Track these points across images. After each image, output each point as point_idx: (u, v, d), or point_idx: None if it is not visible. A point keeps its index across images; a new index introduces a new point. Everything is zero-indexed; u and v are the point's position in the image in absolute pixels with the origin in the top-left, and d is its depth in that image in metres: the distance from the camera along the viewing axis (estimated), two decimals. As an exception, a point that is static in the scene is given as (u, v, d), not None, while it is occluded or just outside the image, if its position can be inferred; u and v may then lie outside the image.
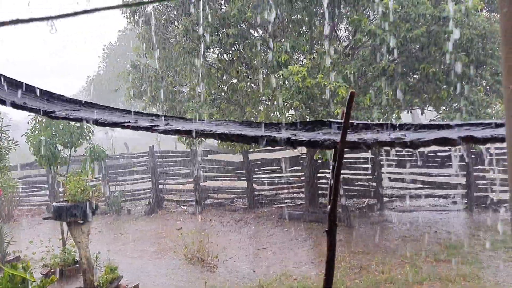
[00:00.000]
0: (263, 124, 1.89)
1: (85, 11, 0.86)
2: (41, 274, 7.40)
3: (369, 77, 7.23)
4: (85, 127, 8.12)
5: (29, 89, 1.93)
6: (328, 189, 1.54)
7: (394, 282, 6.43)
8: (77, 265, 7.66)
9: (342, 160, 1.51)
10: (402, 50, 7.07)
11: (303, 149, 11.89)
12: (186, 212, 12.99)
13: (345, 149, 1.56)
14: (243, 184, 12.96)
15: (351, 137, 1.60)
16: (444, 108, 7.84)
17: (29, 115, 7.53)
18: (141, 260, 8.70)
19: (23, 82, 1.97)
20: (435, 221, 9.60)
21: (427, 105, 8.06)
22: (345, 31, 11.48)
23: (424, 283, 6.32)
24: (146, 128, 1.80)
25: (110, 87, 22.98)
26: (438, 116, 7.98)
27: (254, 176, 12.77)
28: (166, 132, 1.76)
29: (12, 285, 5.71)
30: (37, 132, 7.49)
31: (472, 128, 1.48)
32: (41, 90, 1.94)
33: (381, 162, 11.11)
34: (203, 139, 10.55)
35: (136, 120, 1.86)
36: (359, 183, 11.37)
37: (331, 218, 1.57)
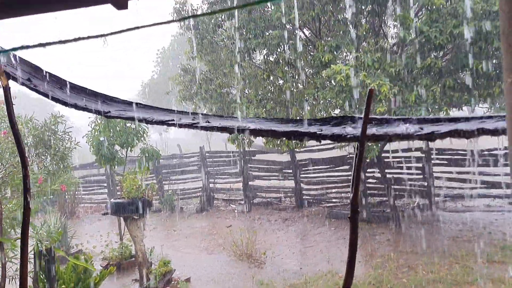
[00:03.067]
0: (293, 121, 2.05)
1: (134, 28, 1.06)
2: (101, 266, 7.94)
3: (415, 74, 7.12)
4: (140, 128, 8.61)
5: (89, 93, 2.21)
6: (351, 179, 1.67)
7: (443, 282, 6.30)
8: (133, 259, 8.14)
9: (364, 151, 1.65)
10: (451, 47, 6.90)
11: (350, 149, 11.83)
12: (235, 211, 13.31)
13: (365, 142, 1.70)
14: (291, 183, 13.08)
15: (372, 130, 1.72)
16: (496, 104, 7.55)
17: (89, 118, 8.12)
18: (193, 255, 9.08)
19: (84, 87, 2.26)
20: (489, 222, 9.22)
21: (478, 102, 7.80)
22: (393, 28, 11.30)
23: (475, 284, 6.15)
24: (188, 125, 2.02)
25: (163, 90, 23.89)
26: (490, 114, 7.69)
27: (301, 175, 12.85)
28: (204, 128, 1.96)
29: (75, 274, 6.22)
30: (96, 133, 8.06)
31: (487, 120, 1.55)
32: (98, 93, 2.22)
33: (433, 161, 10.81)
34: (252, 139, 10.82)
35: (180, 118, 2.08)
36: (409, 182, 11.12)
37: (353, 206, 1.72)
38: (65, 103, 2.10)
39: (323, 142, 12.88)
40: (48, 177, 5.47)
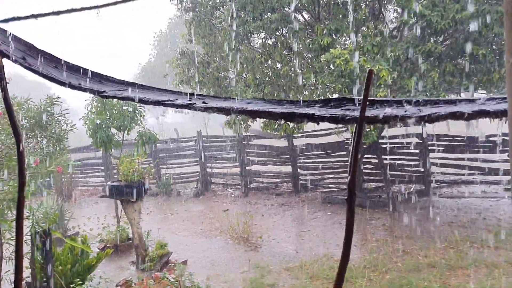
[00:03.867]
0: (292, 102, 2.03)
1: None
2: (98, 248, 7.98)
3: (414, 59, 7.07)
4: (137, 112, 8.56)
5: (84, 72, 2.17)
6: (349, 160, 1.66)
7: (437, 266, 6.37)
8: (130, 241, 8.18)
9: (362, 133, 1.63)
10: (451, 32, 6.83)
11: (347, 134, 11.83)
12: (232, 195, 13.35)
13: (364, 124, 1.68)
14: (288, 168, 13.11)
15: (370, 112, 1.70)
16: (495, 91, 7.53)
17: (86, 100, 8.07)
18: (189, 239, 9.13)
19: (79, 66, 2.22)
20: (484, 208, 9.29)
21: (477, 88, 7.77)
22: (394, 12, 11.19)
23: (469, 269, 6.22)
24: (185, 106, 1.99)
25: (160, 74, 23.72)
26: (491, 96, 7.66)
27: (298, 160, 12.87)
28: (201, 109, 1.93)
29: (72, 256, 6.24)
30: (93, 116, 8.01)
31: (488, 102, 1.53)
32: (93, 72, 2.18)
33: (430, 147, 10.83)
34: (249, 124, 10.78)
35: (176, 99, 2.05)
36: (405, 168, 11.17)
37: (350, 188, 1.70)
38: (60, 82, 2.06)
39: (320, 127, 12.90)
40: (44, 158, 5.44)
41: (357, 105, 1.84)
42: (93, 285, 6.16)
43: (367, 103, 1.59)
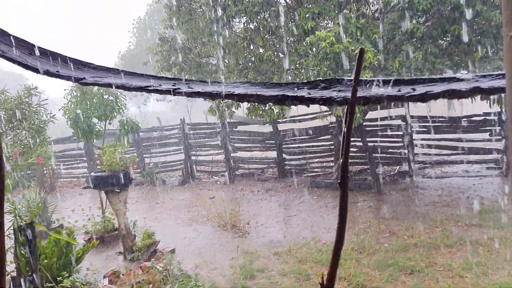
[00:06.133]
0: (280, 85, 1.97)
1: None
2: (84, 240, 7.85)
3: (398, 41, 7.06)
4: (117, 101, 8.39)
5: (61, 58, 2.07)
6: (341, 143, 1.61)
7: (423, 246, 6.46)
8: (117, 232, 8.08)
9: (354, 115, 1.58)
10: (432, 12, 6.83)
11: (332, 118, 11.84)
12: (218, 182, 13.31)
13: (356, 104, 1.63)
14: (273, 154, 13.10)
15: (362, 93, 1.65)
16: (477, 70, 7.59)
17: (65, 90, 7.86)
18: (176, 227, 9.08)
19: (55, 52, 2.11)
20: (468, 187, 9.46)
21: (460, 68, 7.83)
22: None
23: (454, 247, 6.33)
24: (169, 91, 1.91)
25: (141, 62, 23.35)
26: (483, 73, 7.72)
27: (283, 146, 12.87)
28: (187, 94, 1.86)
29: (58, 248, 6.13)
30: (73, 106, 7.82)
31: (481, 79, 1.50)
32: (71, 58, 2.08)
33: (413, 129, 10.93)
34: (233, 110, 10.69)
35: (160, 84, 1.97)
36: (390, 150, 11.27)
37: (343, 171, 1.66)
38: (35, 70, 1.96)
39: (305, 111, 12.89)
40: (24, 150, 5.29)
41: (347, 86, 1.80)
42: (80, 277, 6.08)
43: (359, 83, 1.54)
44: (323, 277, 1.94)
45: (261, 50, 9.27)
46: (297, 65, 7.99)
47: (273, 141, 12.90)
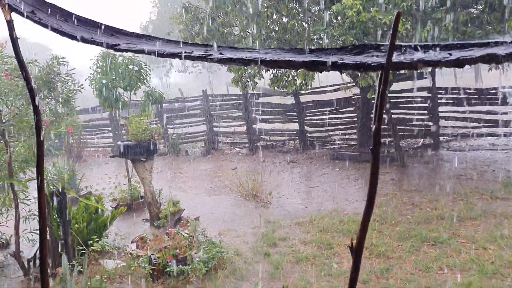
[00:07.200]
0: (311, 51, 1.96)
1: None
2: (111, 207, 8.12)
3: (427, 9, 6.83)
4: (142, 71, 8.45)
5: (95, 25, 2.10)
6: (374, 110, 1.62)
7: (446, 218, 6.44)
8: (143, 200, 8.32)
9: (388, 81, 1.57)
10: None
11: (356, 90, 11.68)
12: (240, 154, 13.42)
13: (391, 71, 1.62)
14: (295, 126, 13.06)
15: (397, 58, 1.63)
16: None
17: (90, 60, 7.96)
18: (200, 196, 9.27)
19: (90, 19, 2.14)
20: (494, 160, 9.28)
21: (492, 38, 7.54)
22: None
23: (478, 220, 6.29)
24: (201, 58, 1.93)
25: (163, 32, 23.26)
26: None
27: (305, 118, 12.80)
28: (219, 61, 1.87)
29: (88, 214, 6.36)
30: (98, 76, 7.92)
31: (522, 44, 1.46)
32: (106, 25, 2.11)
33: (440, 101, 10.70)
34: (256, 81, 10.64)
35: (192, 51, 1.98)
36: (414, 123, 11.08)
37: (376, 138, 1.67)
38: (71, 36, 1.99)
39: (328, 82, 12.70)
40: (54, 119, 5.44)
41: (381, 51, 1.78)
42: (109, 241, 6.32)
43: (394, 48, 1.53)
44: (352, 241, 1.98)
45: (284, 20, 9.12)
46: (321, 35, 7.85)
47: (295, 113, 12.85)
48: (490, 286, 4.45)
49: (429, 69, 10.14)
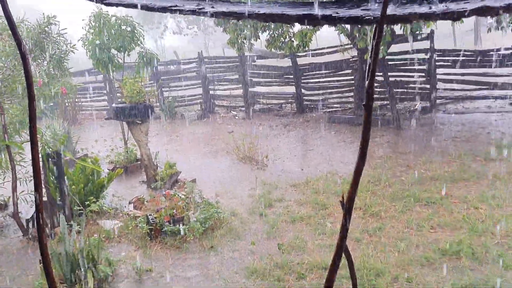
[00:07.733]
0: (306, 4, 1.92)
1: None
2: (108, 169, 8.16)
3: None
4: (135, 31, 8.26)
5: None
6: (367, 67, 1.60)
7: (440, 179, 6.53)
8: (139, 162, 8.36)
9: (382, 35, 1.55)
10: None
11: (353, 52, 11.52)
12: (236, 117, 13.39)
13: (385, 23, 1.59)
14: (292, 89, 12.97)
15: (392, 11, 1.60)
16: None
17: (83, 20, 7.77)
18: (196, 159, 9.31)
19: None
20: (489, 123, 9.31)
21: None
22: None
23: (471, 180, 6.38)
24: (193, 11, 1.89)
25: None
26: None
27: (302, 81, 12.70)
28: (212, 15, 1.83)
29: (84, 176, 6.40)
30: (91, 37, 7.77)
31: (520, -5, 1.43)
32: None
33: (436, 63, 10.59)
34: (252, 43, 10.46)
35: (183, 4, 1.94)
36: (411, 85, 11.02)
37: (369, 93, 1.66)
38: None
39: (325, 44, 12.51)
40: (47, 80, 5.37)
41: (375, 4, 1.74)
42: (106, 202, 6.41)
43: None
44: (343, 196, 2.00)
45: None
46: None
47: (292, 76, 12.73)
48: (480, 244, 4.57)
49: (428, 30, 9.98)
